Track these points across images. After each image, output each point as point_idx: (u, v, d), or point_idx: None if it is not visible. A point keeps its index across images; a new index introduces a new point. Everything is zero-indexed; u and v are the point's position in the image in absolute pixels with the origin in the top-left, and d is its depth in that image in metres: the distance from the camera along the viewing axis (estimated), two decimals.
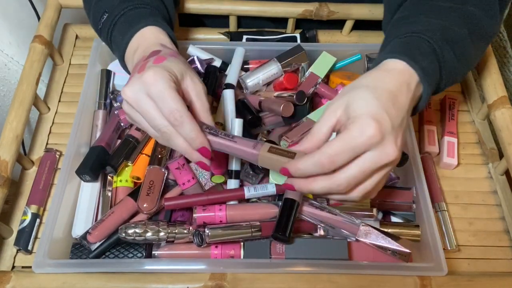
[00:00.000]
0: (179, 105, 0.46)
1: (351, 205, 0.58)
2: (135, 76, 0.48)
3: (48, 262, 0.52)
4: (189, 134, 0.47)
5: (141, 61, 0.51)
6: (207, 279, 0.51)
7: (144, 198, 0.56)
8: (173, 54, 0.51)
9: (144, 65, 0.48)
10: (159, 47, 0.53)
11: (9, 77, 0.85)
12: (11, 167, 0.60)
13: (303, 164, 0.44)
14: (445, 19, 0.53)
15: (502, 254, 0.62)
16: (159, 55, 0.50)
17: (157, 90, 0.46)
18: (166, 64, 0.48)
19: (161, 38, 0.56)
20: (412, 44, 0.51)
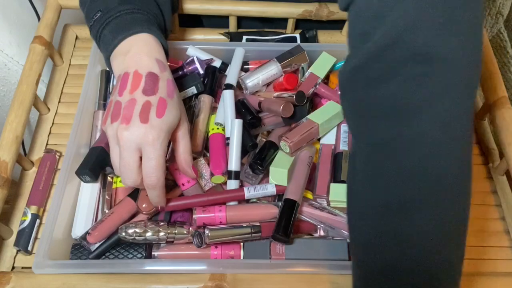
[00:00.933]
0: (161, 173, 0.50)
1: None
2: (137, 125, 0.49)
3: (48, 263, 0.52)
4: (154, 198, 0.52)
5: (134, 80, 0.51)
6: (207, 280, 0.52)
7: (144, 198, 0.56)
8: (170, 91, 0.52)
9: (146, 109, 0.49)
10: (155, 67, 0.53)
11: (9, 77, 0.85)
12: (11, 167, 0.60)
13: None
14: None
15: (502, 254, 0.62)
16: (161, 97, 0.51)
17: (152, 154, 0.49)
18: (168, 119, 0.50)
19: (156, 50, 0.55)
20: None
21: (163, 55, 0.56)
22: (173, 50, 0.71)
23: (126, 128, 0.49)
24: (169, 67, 0.55)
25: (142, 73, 0.52)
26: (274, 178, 0.58)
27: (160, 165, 0.50)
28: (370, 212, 0.41)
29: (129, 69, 0.52)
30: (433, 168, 0.39)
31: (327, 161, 0.61)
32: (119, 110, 0.51)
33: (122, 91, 0.52)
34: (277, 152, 0.61)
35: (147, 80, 0.51)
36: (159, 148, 0.49)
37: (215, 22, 0.82)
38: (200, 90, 0.64)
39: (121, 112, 0.50)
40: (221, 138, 0.62)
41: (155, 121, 0.49)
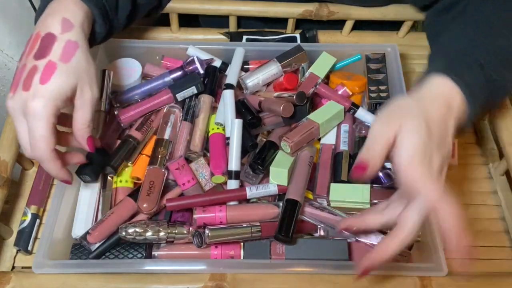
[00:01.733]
0: (44, 145, 0.46)
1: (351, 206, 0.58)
2: (20, 93, 0.46)
3: (48, 263, 0.52)
4: (50, 172, 0.49)
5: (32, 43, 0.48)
6: (207, 280, 0.51)
7: (144, 198, 0.56)
8: (66, 54, 0.48)
9: (31, 75, 0.46)
10: (56, 27, 0.49)
11: (9, 77, 0.85)
12: (11, 167, 0.60)
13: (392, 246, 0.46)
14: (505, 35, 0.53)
15: (502, 254, 0.62)
16: (50, 61, 0.47)
17: (32, 124, 0.46)
18: (54, 86, 0.46)
19: (68, 10, 0.50)
20: (460, 64, 0.51)
21: (79, 15, 0.51)
22: (173, 50, 0.71)
23: (12, 97, 0.47)
24: (82, 29, 0.51)
25: (41, 34, 0.49)
26: (274, 178, 0.58)
27: (43, 136, 0.46)
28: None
29: (34, 32, 0.49)
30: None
31: (327, 161, 0.61)
32: (14, 78, 0.49)
33: (22, 57, 0.49)
34: (277, 152, 0.61)
35: (42, 42, 0.48)
36: (41, 118, 0.45)
37: (215, 22, 0.82)
38: (200, 90, 0.64)
39: (13, 79, 0.48)
40: (221, 138, 0.62)
41: (37, 88, 0.46)
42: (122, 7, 0.62)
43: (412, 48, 0.81)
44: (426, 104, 0.48)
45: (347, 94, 0.67)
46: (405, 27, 0.81)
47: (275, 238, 0.54)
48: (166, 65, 0.71)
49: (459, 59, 0.52)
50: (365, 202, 0.57)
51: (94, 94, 0.51)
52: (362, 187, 0.58)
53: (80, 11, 0.52)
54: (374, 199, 0.57)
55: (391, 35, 0.83)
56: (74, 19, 0.50)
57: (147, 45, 0.72)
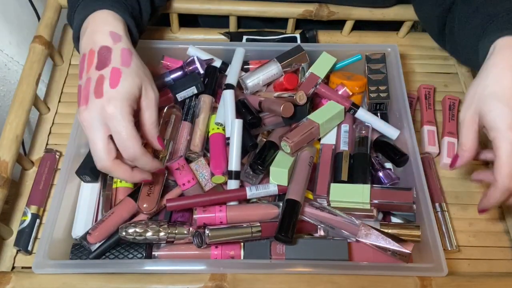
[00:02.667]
0: (134, 142, 0.48)
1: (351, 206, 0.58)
2: (94, 102, 0.48)
3: (48, 263, 0.52)
4: (145, 167, 0.51)
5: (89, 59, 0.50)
6: (207, 280, 0.51)
7: (144, 198, 0.56)
8: (125, 59, 0.50)
9: (100, 83, 0.48)
10: (107, 40, 0.51)
11: (9, 77, 0.85)
12: (11, 167, 0.60)
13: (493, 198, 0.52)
14: None
15: (502, 254, 0.62)
16: (114, 67, 0.49)
17: (117, 126, 0.47)
18: (124, 88, 0.48)
19: (111, 23, 0.53)
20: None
21: (120, 27, 0.53)
22: (173, 50, 0.71)
23: (86, 108, 0.48)
24: (128, 38, 0.53)
25: (95, 49, 0.51)
26: (275, 178, 0.58)
27: (131, 135, 0.48)
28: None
29: (85, 50, 0.51)
30: None
31: (327, 161, 0.61)
32: (80, 93, 0.50)
33: (82, 73, 0.51)
34: (277, 152, 0.61)
35: (99, 55, 0.50)
36: (122, 119, 0.47)
37: (215, 22, 0.82)
38: (200, 90, 0.64)
39: (80, 94, 0.49)
40: (221, 138, 0.62)
41: (110, 92, 0.48)
42: (145, 11, 0.64)
43: (412, 48, 0.81)
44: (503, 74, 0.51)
45: (347, 94, 0.67)
46: (405, 27, 0.81)
47: (275, 238, 0.54)
48: (166, 65, 0.71)
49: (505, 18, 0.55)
50: (365, 202, 0.57)
51: (156, 94, 0.53)
52: (362, 187, 0.58)
53: (120, 22, 0.54)
54: (374, 199, 0.57)
55: (391, 35, 0.83)
56: (119, 30, 0.53)
57: (147, 45, 0.72)
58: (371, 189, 0.57)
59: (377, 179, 0.62)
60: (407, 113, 0.64)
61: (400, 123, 0.64)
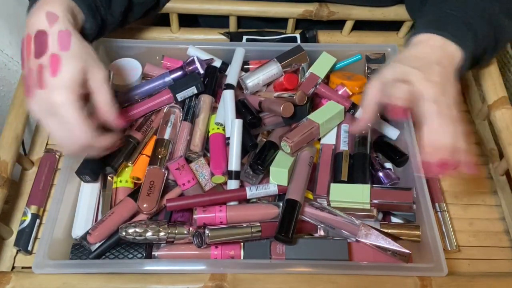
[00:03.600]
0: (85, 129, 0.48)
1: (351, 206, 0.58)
2: (38, 93, 0.47)
3: (48, 263, 0.52)
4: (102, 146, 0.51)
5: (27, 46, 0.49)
6: (207, 280, 0.51)
7: (144, 198, 0.56)
8: (63, 43, 0.48)
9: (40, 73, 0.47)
10: (42, 22, 0.49)
11: (9, 77, 0.85)
12: (11, 167, 0.60)
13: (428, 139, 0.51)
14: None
15: (502, 254, 0.62)
16: (52, 54, 0.48)
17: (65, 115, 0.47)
18: (66, 75, 0.47)
19: (50, 3, 0.50)
20: (437, 19, 0.58)
21: (60, 7, 0.51)
22: (173, 50, 0.71)
23: (32, 99, 0.48)
24: (67, 15, 0.51)
25: (31, 35, 0.49)
26: (275, 178, 0.58)
27: (80, 123, 0.47)
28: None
29: (24, 35, 0.50)
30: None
31: (327, 161, 0.61)
32: (25, 84, 0.49)
33: (23, 63, 0.50)
34: (277, 152, 0.61)
35: (36, 41, 0.49)
36: (68, 107, 0.47)
37: (215, 22, 0.82)
38: (200, 90, 0.64)
39: (25, 85, 0.49)
40: (221, 138, 0.62)
41: (51, 82, 0.47)
42: (116, 2, 0.62)
43: None
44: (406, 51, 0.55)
45: (347, 94, 0.67)
46: (405, 27, 0.81)
47: (275, 238, 0.54)
48: (166, 65, 0.71)
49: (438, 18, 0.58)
50: (365, 202, 0.57)
51: (104, 72, 0.51)
52: (362, 187, 0.58)
53: (62, 4, 0.52)
54: (374, 199, 0.57)
55: (391, 35, 0.83)
56: (57, 10, 0.50)
57: (147, 45, 0.72)
58: (371, 189, 0.57)
59: (377, 179, 0.62)
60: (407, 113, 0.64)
61: (400, 123, 0.64)
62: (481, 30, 0.57)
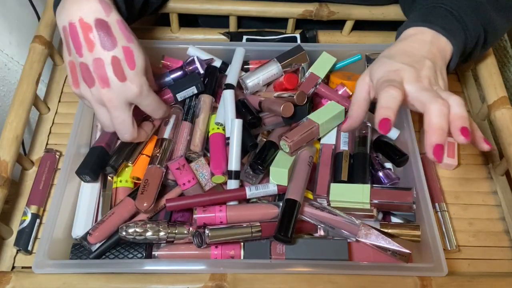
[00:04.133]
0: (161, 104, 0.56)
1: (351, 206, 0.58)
2: (118, 85, 0.50)
3: (48, 263, 0.52)
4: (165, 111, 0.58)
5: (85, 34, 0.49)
6: (207, 280, 0.51)
7: (140, 197, 0.56)
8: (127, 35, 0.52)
9: (117, 66, 0.50)
10: (99, 10, 0.50)
11: (9, 77, 0.85)
12: (11, 167, 0.60)
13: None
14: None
15: (503, 254, 0.62)
16: (124, 46, 0.51)
17: (146, 100, 0.53)
18: (140, 66, 0.52)
19: None
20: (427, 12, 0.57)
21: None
22: (173, 50, 0.71)
23: (109, 90, 0.50)
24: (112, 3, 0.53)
25: (89, 22, 0.49)
26: (275, 178, 0.58)
27: (158, 100, 0.55)
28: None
29: (72, 18, 0.49)
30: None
31: (327, 161, 0.61)
32: (90, 73, 0.50)
33: (80, 50, 0.50)
34: (277, 152, 0.61)
35: (99, 32, 0.50)
36: (147, 93, 0.53)
37: (215, 22, 0.82)
38: (200, 90, 0.64)
39: (94, 75, 0.50)
40: (221, 138, 0.62)
41: (131, 74, 0.51)
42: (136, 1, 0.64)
43: None
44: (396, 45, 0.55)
45: (347, 94, 0.67)
46: None
47: (274, 238, 0.54)
48: (166, 65, 0.71)
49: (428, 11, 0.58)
50: (365, 202, 0.57)
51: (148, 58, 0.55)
52: (362, 187, 0.58)
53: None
54: (374, 199, 0.57)
55: (391, 35, 0.83)
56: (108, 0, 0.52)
57: (147, 45, 0.72)
58: (371, 189, 0.57)
59: (377, 179, 0.62)
60: (407, 113, 0.64)
61: (400, 123, 0.64)
62: (471, 24, 0.57)
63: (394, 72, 0.51)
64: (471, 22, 0.57)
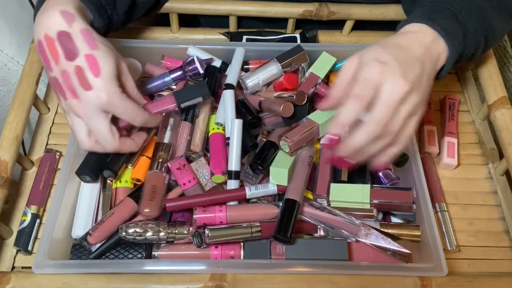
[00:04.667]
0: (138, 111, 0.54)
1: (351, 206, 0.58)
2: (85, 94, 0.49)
3: (48, 263, 0.52)
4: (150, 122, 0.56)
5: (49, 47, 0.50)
6: (207, 280, 0.51)
7: (147, 203, 0.55)
8: (91, 42, 0.50)
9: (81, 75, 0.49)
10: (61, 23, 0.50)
11: (9, 77, 0.85)
12: (11, 167, 0.60)
13: (342, 116, 0.49)
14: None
15: (502, 254, 0.62)
16: (86, 54, 0.50)
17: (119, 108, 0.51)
18: (106, 72, 0.50)
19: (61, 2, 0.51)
20: (432, 10, 0.56)
21: (71, 4, 0.52)
22: (173, 50, 0.71)
23: (79, 101, 0.50)
24: (80, 13, 0.52)
25: (52, 36, 0.50)
26: (275, 178, 0.58)
27: (133, 107, 0.52)
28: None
29: (39, 35, 0.51)
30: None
31: (327, 161, 0.61)
32: (60, 86, 0.51)
33: (49, 65, 0.51)
34: (277, 152, 0.61)
35: (61, 43, 0.50)
36: (120, 99, 0.51)
37: (215, 22, 0.82)
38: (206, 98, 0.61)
39: (63, 88, 0.51)
40: (221, 138, 0.62)
41: (97, 82, 0.49)
42: (120, 0, 0.63)
43: None
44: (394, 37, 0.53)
45: None
46: None
47: (274, 238, 0.54)
48: (166, 65, 0.71)
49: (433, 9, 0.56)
50: (365, 202, 0.57)
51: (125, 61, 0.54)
52: (362, 187, 0.58)
53: (73, 3, 0.53)
54: (374, 199, 0.57)
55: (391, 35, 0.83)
56: (70, 9, 0.52)
57: (147, 45, 0.72)
58: (371, 189, 0.57)
59: (377, 179, 0.62)
60: None
61: None
62: (472, 30, 0.56)
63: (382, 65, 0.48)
64: (473, 28, 0.56)
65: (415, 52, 0.51)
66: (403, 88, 0.48)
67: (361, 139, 0.49)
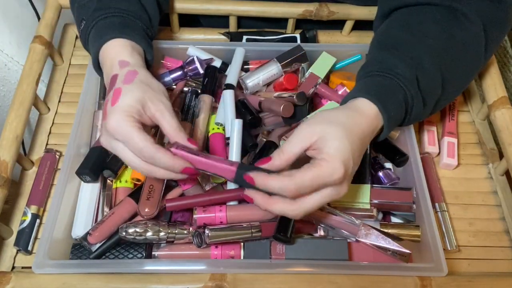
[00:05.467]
0: (145, 143, 0.48)
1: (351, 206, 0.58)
2: (103, 125, 0.51)
3: (48, 263, 0.52)
4: (165, 164, 0.49)
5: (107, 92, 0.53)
6: (207, 280, 0.51)
7: (145, 202, 0.55)
8: (128, 78, 0.51)
9: (105, 109, 0.50)
10: (116, 69, 0.53)
11: (9, 77, 0.85)
12: (11, 167, 0.60)
13: (271, 182, 0.47)
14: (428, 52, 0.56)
15: (502, 254, 0.62)
16: (116, 88, 0.51)
17: (122, 135, 0.48)
18: (123, 102, 0.49)
19: (121, 52, 0.55)
20: (388, 89, 0.54)
21: (128, 51, 0.55)
22: (173, 50, 0.71)
23: (102, 134, 0.52)
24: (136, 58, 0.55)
25: (108, 82, 0.54)
26: None
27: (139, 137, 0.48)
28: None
29: (110, 73, 0.54)
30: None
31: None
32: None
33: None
34: None
35: (110, 83, 0.53)
36: (125, 127, 0.48)
37: (215, 22, 0.82)
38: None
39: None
40: (221, 138, 0.62)
41: (110, 109, 0.49)
42: (153, 16, 0.64)
43: None
44: (357, 121, 0.50)
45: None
46: None
47: (273, 237, 0.54)
48: (166, 65, 0.71)
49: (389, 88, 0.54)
50: (365, 202, 0.57)
51: (166, 103, 0.52)
52: (362, 187, 0.58)
53: (128, 47, 0.56)
54: (374, 199, 0.57)
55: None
56: (126, 56, 0.55)
57: None
58: (371, 189, 0.57)
59: (377, 179, 0.62)
60: None
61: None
62: (416, 108, 0.55)
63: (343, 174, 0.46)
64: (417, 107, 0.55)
65: (367, 144, 0.52)
66: (341, 195, 0.49)
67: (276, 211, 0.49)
